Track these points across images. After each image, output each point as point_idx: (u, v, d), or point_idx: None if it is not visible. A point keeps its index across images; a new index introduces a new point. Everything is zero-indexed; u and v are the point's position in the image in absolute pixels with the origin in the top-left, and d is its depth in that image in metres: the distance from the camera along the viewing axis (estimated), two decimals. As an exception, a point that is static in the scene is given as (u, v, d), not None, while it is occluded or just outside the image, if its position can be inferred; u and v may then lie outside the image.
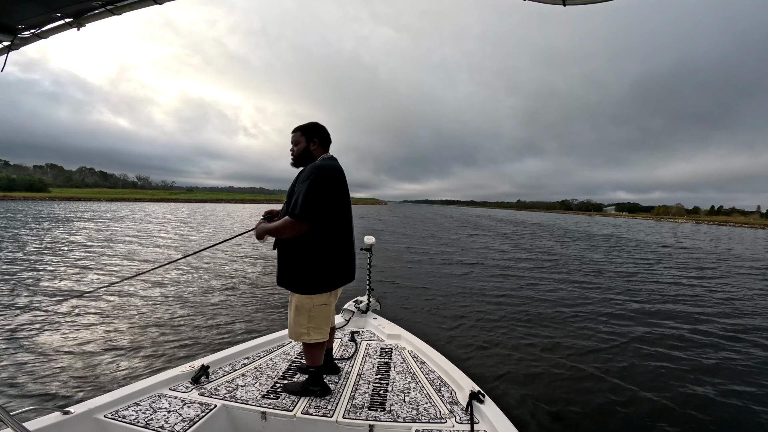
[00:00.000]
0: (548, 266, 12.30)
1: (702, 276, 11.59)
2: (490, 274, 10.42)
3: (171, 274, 8.25)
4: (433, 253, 14.12)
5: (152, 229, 19.83)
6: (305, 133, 2.22)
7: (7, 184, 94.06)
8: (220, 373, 2.44)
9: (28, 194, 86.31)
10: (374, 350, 2.96)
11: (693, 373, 4.29)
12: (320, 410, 2.09)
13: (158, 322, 5.24)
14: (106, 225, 21.57)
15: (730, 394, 3.85)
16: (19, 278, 7.48)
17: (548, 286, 8.91)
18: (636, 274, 11.33)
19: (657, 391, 3.84)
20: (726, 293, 9.05)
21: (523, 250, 16.82)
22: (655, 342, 5.27)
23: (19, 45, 1.81)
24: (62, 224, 21.15)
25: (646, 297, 8.21)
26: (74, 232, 17.29)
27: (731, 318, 6.74)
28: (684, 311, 7.09)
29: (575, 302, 7.43)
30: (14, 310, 5.48)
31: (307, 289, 2.12)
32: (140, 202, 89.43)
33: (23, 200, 68.26)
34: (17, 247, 11.69)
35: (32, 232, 16.63)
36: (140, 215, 32.29)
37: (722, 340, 5.49)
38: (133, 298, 6.32)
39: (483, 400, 2.10)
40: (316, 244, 2.08)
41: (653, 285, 9.72)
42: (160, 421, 1.86)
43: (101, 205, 55.53)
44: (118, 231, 18.28)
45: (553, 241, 23.13)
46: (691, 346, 5.17)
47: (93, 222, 23.47)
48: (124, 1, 1.81)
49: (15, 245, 12.26)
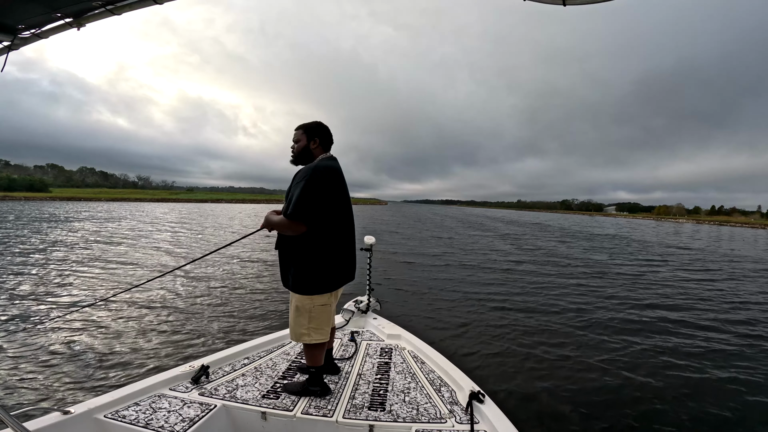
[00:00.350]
0: (549, 266, 12.30)
1: (712, 279, 11.28)
2: (490, 274, 10.42)
3: (171, 275, 8.22)
4: (434, 255, 14.06)
5: (161, 230, 19.78)
6: (307, 131, 2.22)
7: (7, 184, 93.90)
8: (220, 373, 2.43)
9: (28, 194, 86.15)
10: (374, 350, 2.95)
11: (700, 373, 4.28)
12: (320, 410, 2.08)
13: (158, 322, 5.23)
14: (105, 225, 21.54)
15: (745, 403, 3.71)
16: (19, 278, 7.47)
17: (548, 286, 8.91)
18: (640, 276, 11.30)
19: (657, 392, 3.83)
20: (737, 295, 8.90)
21: (524, 251, 16.84)
22: (659, 344, 5.25)
23: (19, 45, 1.80)
24: (65, 224, 21.12)
25: (651, 297, 8.19)
26: (77, 232, 17.27)
27: (747, 324, 6.45)
28: (690, 312, 7.08)
29: (576, 302, 7.42)
30: (14, 310, 5.47)
31: (307, 290, 2.11)
32: (141, 202, 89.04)
33: (24, 200, 68.17)
34: (20, 247, 11.66)
35: (35, 232, 16.59)
36: (147, 217, 32.09)
37: (732, 346, 5.34)
38: (133, 298, 6.30)
39: (483, 400, 2.09)
40: (316, 245, 2.07)
41: (660, 286, 9.67)
42: (160, 421, 1.85)
43: (102, 206, 55.42)
44: (122, 232, 18.23)
45: (555, 241, 23.14)
46: (700, 349, 5.12)
47: (91, 222, 23.44)
48: (124, 1, 1.81)
49: (18, 245, 12.22)
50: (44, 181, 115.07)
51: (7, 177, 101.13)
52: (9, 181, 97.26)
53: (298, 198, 1.97)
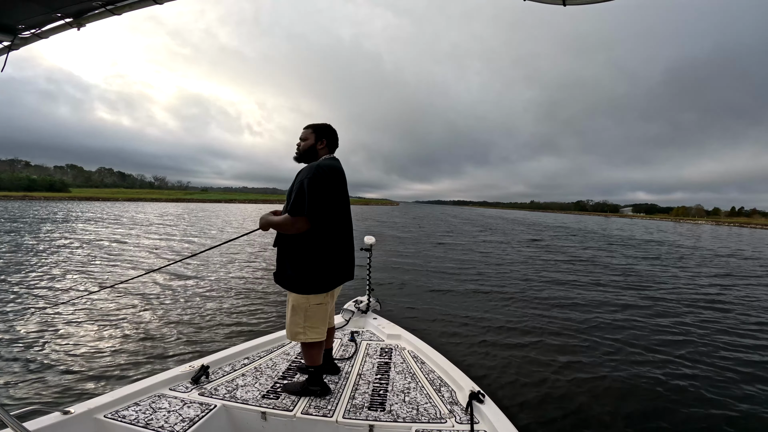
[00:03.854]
0: (548, 267, 12.18)
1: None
2: (490, 274, 10.32)
3: (171, 274, 8.12)
4: (452, 260, 12.75)
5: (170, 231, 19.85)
6: (316, 131, 2.20)
7: (27, 184, 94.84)
8: (220, 373, 2.38)
9: (48, 194, 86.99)
10: (374, 350, 2.89)
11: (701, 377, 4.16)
12: (320, 410, 2.03)
13: (158, 322, 5.11)
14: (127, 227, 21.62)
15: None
16: (18, 278, 7.29)
17: (548, 286, 8.79)
18: (651, 276, 11.13)
19: (657, 392, 3.73)
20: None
21: (531, 257, 16.64)
22: (660, 344, 5.10)
23: (19, 45, 1.75)
24: (85, 224, 21.25)
25: (656, 298, 8.05)
26: (87, 232, 17.36)
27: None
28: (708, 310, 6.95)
29: (576, 302, 7.31)
30: (14, 310, 5.34)
31: (303, 289, 2.08)
32: (157, 202, 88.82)
33: (44, 200, 68.85)
34: (22, 247, 11.58)
35: (41, 232, 16.69)
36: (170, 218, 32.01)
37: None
38: (133, 298, 6.17)
39: (483, 400, 2.04)
40: (313, 244, 2.04)
41: (674, 288, 9.40)
42: (160, 421, 1.81)
43: (119, 206, 55.57)
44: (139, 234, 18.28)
45: (573, 244, 22.23)
46: (708, 356, 4.86)
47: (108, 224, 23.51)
48: (124, 1, 1.76)
49: (21, 245, 12.23)
50: (64, 182, 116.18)
51: (27, 177, 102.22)
52: (29, 181, 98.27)
53: (302, 195, 1.94)
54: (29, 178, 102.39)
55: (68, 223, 20.77)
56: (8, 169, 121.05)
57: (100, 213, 32.45)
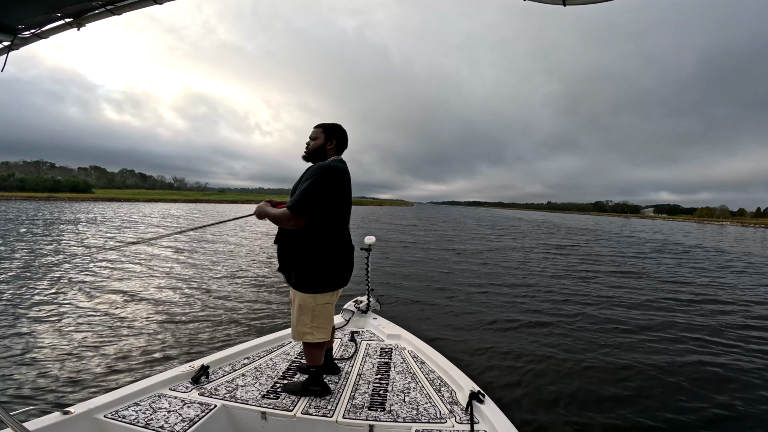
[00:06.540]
0: (551, 267, 11.97)
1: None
2: (491, 274, 10.18)
3: (170, 273, 8.04)
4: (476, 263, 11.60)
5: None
6: (326, 131, 2.14)
7: (52, 185, 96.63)
8: (220, 373, 2.33)
9: (72, 195, 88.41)
10: (374, 350, 2.82)
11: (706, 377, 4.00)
12: (320, 410, 1.98)
13: (158, 322, 5.02)
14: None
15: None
16: (19, 278, 7.17)
17: (548, 286, 8.63)
18: (658, 272, 10.86)
19: (658, 393, 3.59)
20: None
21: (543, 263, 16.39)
22: (659, 345, 4.92)
23: (19, 45, 1.70)
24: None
25: (656, 300, 7.83)
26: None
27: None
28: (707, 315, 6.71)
29: (577, 302, 7.14)
30: (13, 310, 5.24)
31: (311, 288, 2.01)
32: (176, 203, 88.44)
33: (68, 200, 69.97)
34: (26, 247, 11.50)
35: (45, 232, 16.92)
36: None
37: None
38: (133, 298, 6.09)
39: (483, 400, 1.99)
40: (320, 244, 1.98)
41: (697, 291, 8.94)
42: (160, 421, 1.76)
43: (142, 206, 55.73)
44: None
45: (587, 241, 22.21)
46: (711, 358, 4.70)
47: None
48: (124, 1, 1.70)
49: (27, 244, 12.28)
50: (88, 183, 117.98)
51: (52, 178, 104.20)
52: (54, 182, 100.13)
53: (306, 192, 1.88)
54: (54, 179, 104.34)
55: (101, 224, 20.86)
56: (34, 171, 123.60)
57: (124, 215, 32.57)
